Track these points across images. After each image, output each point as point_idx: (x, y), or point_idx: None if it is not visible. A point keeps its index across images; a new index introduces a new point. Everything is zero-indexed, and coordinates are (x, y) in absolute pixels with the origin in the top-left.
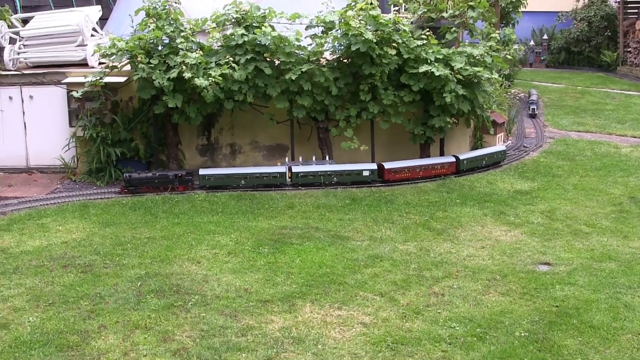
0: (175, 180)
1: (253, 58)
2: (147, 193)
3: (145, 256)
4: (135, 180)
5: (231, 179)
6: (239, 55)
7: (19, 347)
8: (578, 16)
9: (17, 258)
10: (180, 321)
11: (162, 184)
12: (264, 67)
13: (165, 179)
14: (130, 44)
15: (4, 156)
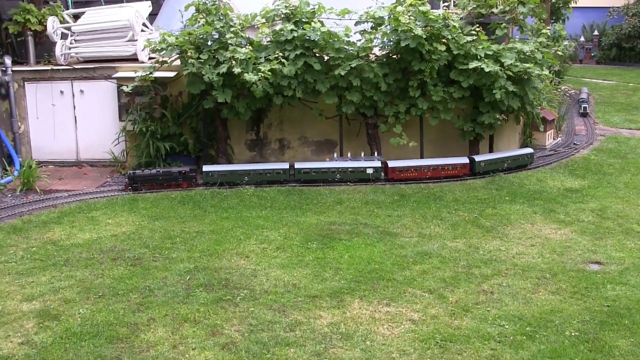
0: (180, 177)
1: (302, 53)
2: (151, 190)
3: (194, 250)
4: (140, 177)
5: (235, 175)
6: (288, 50)
7: (70, 338)
8: (630, 11)
9: (68, 250)
10: (228, 315)
11: (167, 181)
12: (313, 62)
13: (170, 176)
14: (180, 39)
15: (55, 150)
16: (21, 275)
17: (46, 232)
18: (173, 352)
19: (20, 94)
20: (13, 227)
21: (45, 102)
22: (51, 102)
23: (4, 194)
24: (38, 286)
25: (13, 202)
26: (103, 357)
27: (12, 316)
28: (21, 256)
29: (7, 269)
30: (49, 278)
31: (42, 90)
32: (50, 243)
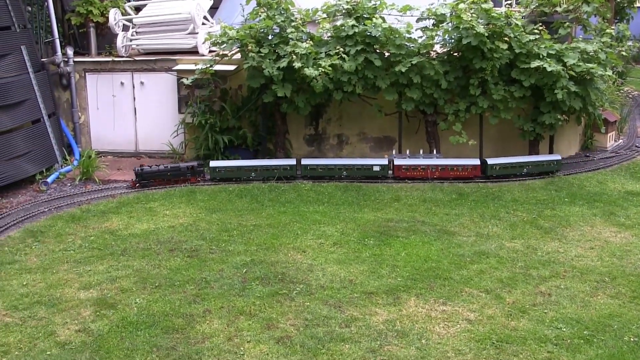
0: (188, 172)
1: (363, 49)
2: (159, 186)
3: (251, 243)
4: (148, 174)
5: (242, 171)
6: (349, 46)
7: (126, 327)
8: None
9: (125, 240)
10: (284, 309)
11: (175, 177)
12: (374, 58)
13: (178, 171)
14: (241, 33)
15: (115, 140)
16: (79, 264)
17: (104, 221)
18: (228, 344)
19: (81, 84)
20: (72, 215)
21: (106, 93)
22: (111, 93)
23: (63, 183)
24: (95, 275)
25: (72, 191)
26: (158, 347)
27: (69, 304)
28: (79, 245)
29: (65, 257)
30: (106, 267)
31: (102, 81)
32: (108, 232)
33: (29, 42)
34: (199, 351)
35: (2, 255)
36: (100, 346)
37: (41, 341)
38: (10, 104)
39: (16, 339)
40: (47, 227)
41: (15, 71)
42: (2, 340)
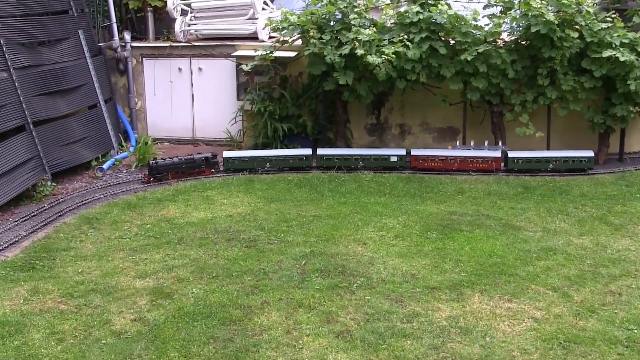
0: (203, 164)
1: (428, 37)
2: (173, 180)
3: (310, 234)
4: (162, 167)
5: (256, 161)
6: (413, 33)
7: (182, 317)
8: None
9: (182, 229)
10: (344, 303)
11: (190, 169)
12: (439, 46)
13: (193, 163)
14: (302, 19)
15: (171, 127)
16: (135, 252)
17: (160, 209)
18: (286, 337)
19: (138, 69)
20: (128, 203)
21: (163, 79)
22: (169, 79)
23: (119, 169)
24: (152, 263)
25: (128, 178)
26: (215, 339)
27: (125, 292)
28: (135, 233)
29: (121, 245)
30: (162, 256)
31: (160, 66)
32: (164, 221)
33: (87, 26)
34: (257, 344)
35: (58, 242)
36: (156, 336)
37: (96, 329)
38: (67, 88)
39: (71, 326)
40: (103, 214)
41: (73, 56)
42: (57, 328)
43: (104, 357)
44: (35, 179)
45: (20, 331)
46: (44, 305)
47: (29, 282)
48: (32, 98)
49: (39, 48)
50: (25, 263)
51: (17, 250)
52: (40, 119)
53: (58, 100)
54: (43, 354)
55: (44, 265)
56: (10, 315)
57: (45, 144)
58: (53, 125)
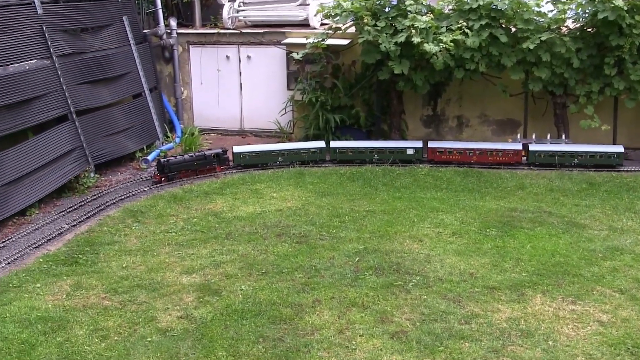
0: (214, 161)
1: (488, 24)
2: (184, 179)
3: (363, 230)
4: (174, 165)
5: (268, 156)
6: (472, 20)
7: (231, 315)
8: None
9: (230, 223)
10: (399, 302)
11: (201, 166)
12: (499, 34)
13: (204, 160)
14: (356, 5)
15: (219, 117)
16: (181, 247)
17: (207, 202)
18: (339, 337)
19: (185, 57)
20: (174, 196)
21: (210, 67)
22: (216, 67)
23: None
24: (198, 259)
25: None
26: (265, 338)
27: (171, 288)
28: (181, 227)
29: (167, 239)
30: (209, 251)
31: (207, 54)
32: (211, 214)
33: (131, 12)
34: (308, 344)
35: (101, 236)
36: (204, 334)
37: (141, 327)
38: (110, 77)
39: (115, 323)
40: (148, 207)
41: (117, 43)
42: (101, 324)
43: (149, 355)
44: (79, 170)
45: (63, 327)
46: (87, 301)
47: (71, 276)
48: (75, 87)
49: (82, 35)
50: (68, 257)
51: (59, 243)
52: (83, 109)
53: (101, 89)
54: (86, 351)
55: (87, 260)
56: (52, 310)
57: (89, 135)
58: (96, 115)
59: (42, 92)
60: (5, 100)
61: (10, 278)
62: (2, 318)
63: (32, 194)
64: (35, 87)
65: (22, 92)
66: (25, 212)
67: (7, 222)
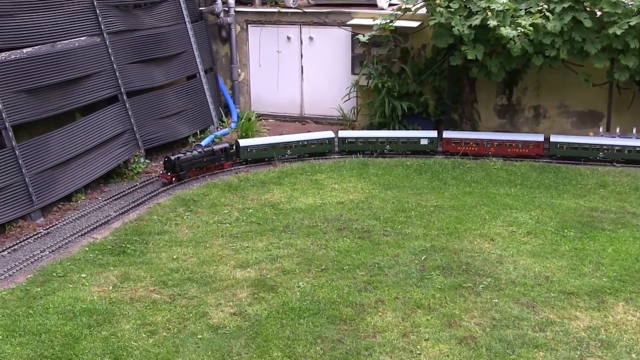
0: (222, 156)
1: (571, 7)
2: (193, 177)
3: (431, 227)
4: (185, 162)
5: (276, 149)
6: (553, 3)
7: (287, 313)
8: None
9: (288, 215)
10: (468, 305)
11: (210, 162)
12: (583, 18)
13: (212, 156)
14: None
15: (277, 102)
16: (235, 239)
17: (264, 193)
18: (402, 341)
19: (243, 37)
20: (228, 184)
21: (270, 48)
22: (276, 49)
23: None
24: (254, 252)
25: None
26: (323, 339)
27: (224, 283)
28: (236, 217)
29: (220, 231)
30: (266, 244)
31: (266, 34)
32: (268, 205)
33: None
34: (369, 347)
35: (151, 225)
36: (258, 333)
37: (192, 322)
38: (164, 56)
39: (164, 318)
40: (201, 195)
41: (171, 20)
42: (149, 319)
43: (199, 353)
44: (128, 154)
45: (109, 321)
46: (135, 294)
47: (119, 267)
48: (126, 66)
49: (135, 11)
50: (116, 246)
51: (106, 232)
52: (135, 89)
53: (154, 69)
54: (133, 347)
55: (136, 250)
56: (98, 302)
57: (139, 117)
58: (148, 96)
59: (91, 71)
60: (53, 79)
61: (54, 267)
62: (45, 309)
63: (78, 178)
64: (84, 65)
65: (71, 70)
66: (71, 198)
67: (52, 208)
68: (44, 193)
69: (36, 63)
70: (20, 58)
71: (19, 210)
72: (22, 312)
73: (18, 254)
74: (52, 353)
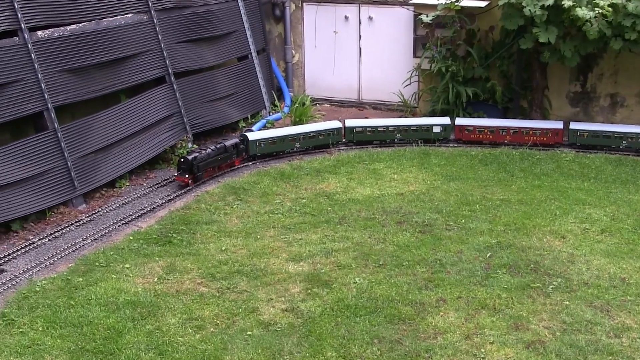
0: (234, 153)
1: None
2: (209, 179)
3: (497, 222)
4: (202, 162)
5: (285, 142)
6: None
7: (342, 311)
8: None
9: (344, 206)
10: (536, 307)
11: (223, 161)
12: None
13: (225, 152)
14: None
15: (333, 85)
16: (288, 230)
17: (319, 182)
18: (465, 344)
19: (297, 16)
20: (280, 172)
21: (326, 29)
22: (333, 29)
23: None
24: (307, 245)
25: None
26: (380, 339)
27: (276, 277)
28: (289, 208)
29: (272, 221)
30: (320, 237)
31: (323, 14)
32: (323, 195)
33: None
34: (429, 348)
35: (198, 214)
36: (311, 331)
37: (241, 318)
38: (214, 36)
39: (212, 312)
40: (251, 183)
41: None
42: (196, 313)
43: (249, 351)
44: (175, 139)
45: (154, 314)
46: (181, 286)
47: (164, 257)
48: (174, 45)
49: None
50: (161, 236)
51: (151, 220)
52: (183, 70)
53: (204, 49)
54: (179, 342)
55: (182, 240)
56: (142, 295)
57: (188, 100)
58: (197, 78)
59: (138, 51)
60: (98, 58)
61: (96, 256)
62: (87, 300)
63: (122, 163)
64: (130, 44)
65: (116, 49)
66: (115, 184)
67: (95, 194)
68: (87, 178)
69: (80, 41)
70: (63, 36)
71: (61, 196)
72: (63, 302)
73: (59, 241)
74: (94, 347)
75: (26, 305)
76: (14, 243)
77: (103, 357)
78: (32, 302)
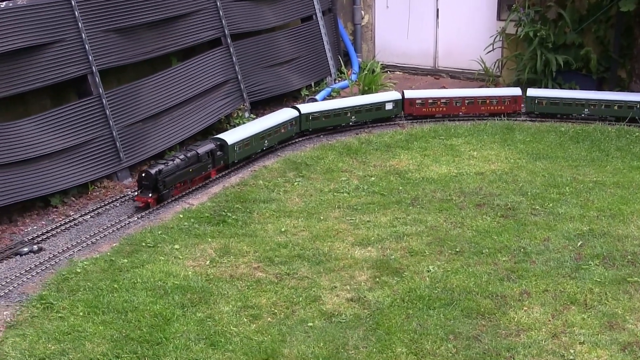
0: (209, 162)
1: None
2: (179, 196)
3: (589, 207)
4: (169, 175)
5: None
6: None
7: (414, 302)
8: None
9: (417, 186)
10: (634, 304)
11: (197, 173)
12: None
13: (197, 162)
14: None
15: (406, 51)
16: (354, 211)
17: (389, 158)
18: (552, 343)
19: None
20: (347, 146)
21: None
22: None
23: None
24: (376, 228)
25: None
26: (456, 335)
27: (340, 263)
28: (355, 186)
29: (336, 200)
30: (390, 219)
31: None
32: (393, 173)
33: None
34: (511, 347)
35: (256, 191)
36: (379, 324)
37: (301, 308)
38: None
39: (270, 301)
40: (314, 158)
41: None
42: (252, 301)
43: (309, 344)
44: (231, 107)
45: (205, 301)
46: (236, 271)
47: (217, 239)
48: (231, 4)
49: None
50: (214, 214)
51: (204, 197)
52: (241, 32)
53: (264, 9)
54: (232, 333)
55: (238, 219)
56: (193, 279)
57: (245, 65)
58: (256, 40)
59: (191, 9)
60: (147, 17)
61: (143, 235)
62: (132, 283)
63: (172, 134)
64: (183, 2)
65: (168, 7)
66: (164, 156)
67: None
68: (133, 149)
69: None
70: None
71: (105, 169)
72: (106, 286)
73: (102, 218)
74: (139, 335)
75: (66, 288)
76: (53, 219)
77: (149, 347)
78: (73, 284)
